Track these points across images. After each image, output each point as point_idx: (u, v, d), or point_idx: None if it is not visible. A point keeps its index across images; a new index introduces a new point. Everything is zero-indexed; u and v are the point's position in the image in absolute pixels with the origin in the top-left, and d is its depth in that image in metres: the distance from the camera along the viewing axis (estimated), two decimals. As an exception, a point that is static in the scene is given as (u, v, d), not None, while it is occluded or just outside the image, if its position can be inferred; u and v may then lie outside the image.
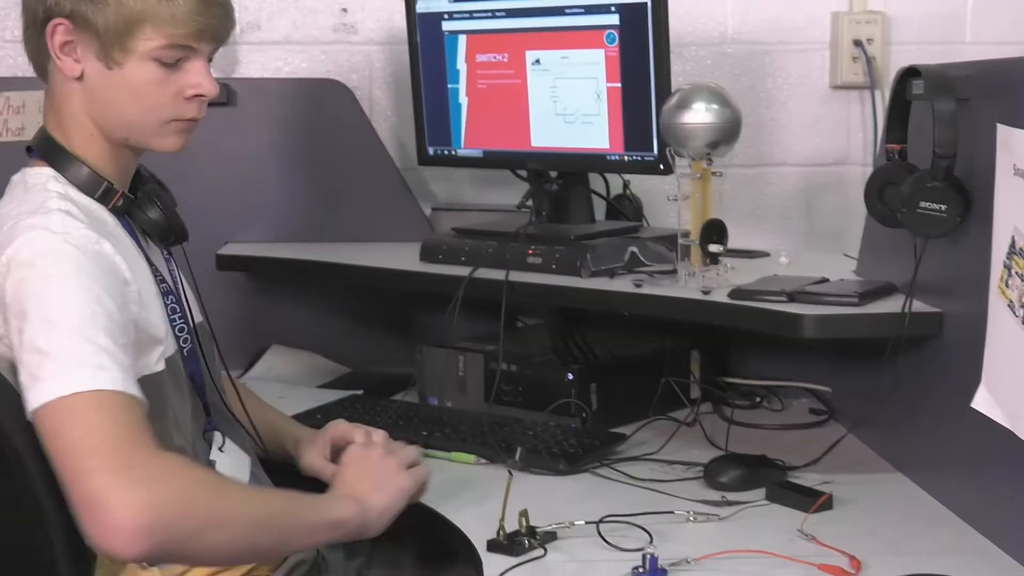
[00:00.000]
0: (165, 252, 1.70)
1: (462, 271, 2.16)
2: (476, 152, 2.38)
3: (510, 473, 1.60)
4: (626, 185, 2.48)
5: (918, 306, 1.77)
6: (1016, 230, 1.46)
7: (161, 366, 1.57)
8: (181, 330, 1.64)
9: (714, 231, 1.99)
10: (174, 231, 1.66)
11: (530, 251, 2.16)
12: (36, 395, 1.38)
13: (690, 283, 2.00)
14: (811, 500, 1.70)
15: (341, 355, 2.55)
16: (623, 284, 2.06)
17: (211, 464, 1.63)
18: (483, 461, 1.94)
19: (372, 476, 1.64)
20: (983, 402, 1.56)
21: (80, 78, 1.58)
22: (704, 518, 1.68)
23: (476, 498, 1.74)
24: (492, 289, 2.09)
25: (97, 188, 1.59)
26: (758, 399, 2.31)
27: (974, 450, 1.62)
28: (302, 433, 1.86)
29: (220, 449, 1.66)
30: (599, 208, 2.43)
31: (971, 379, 1.58)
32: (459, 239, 2.27)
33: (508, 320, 2.08)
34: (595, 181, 2.42)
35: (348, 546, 1.84)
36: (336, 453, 1.78)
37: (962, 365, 1.63)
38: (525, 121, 2.29)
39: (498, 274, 2.11)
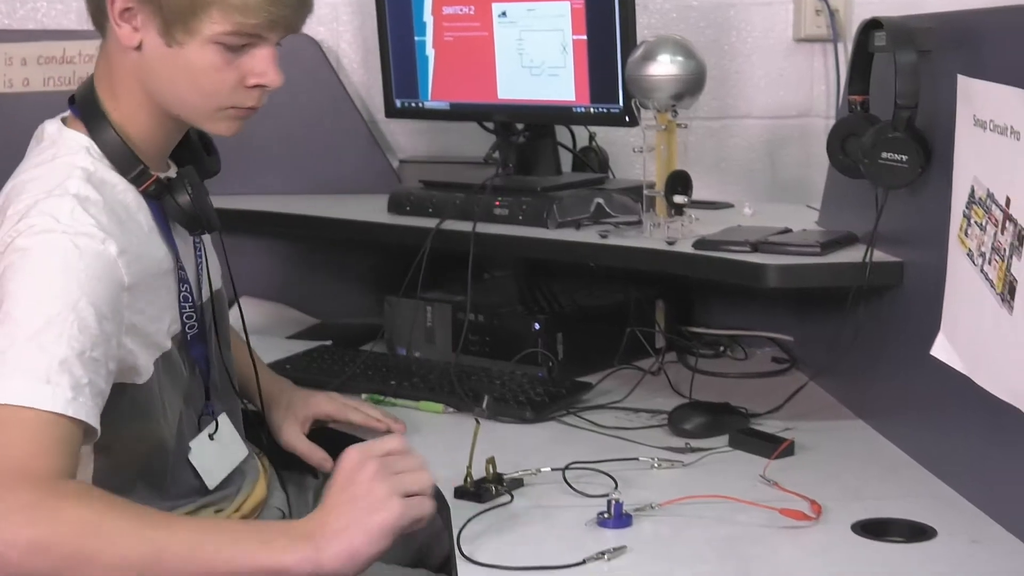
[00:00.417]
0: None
1: (429, 223, 2.15)
2: (443, 104, 2.37)
3: (477, 421, 1.60)
4: (592, 137, 2.48)
5: (879, 256, 1.78)
6: (975, 180, 1.47)
7: (150, 372, 1.50)
8: (189, 317, 1.58)
9: (679, 182, 1.99)
10: (202, 222, 1.57)
11: (497, 203, 2.16)
12: None
13: (655, 234, 2.00)
14: (773, 446, 1.71)
15: (310, 306, 2.55)
16: (589, 235, 2.06)
17: (186, 451, 1.57)
18: (451, 410, 1.95)
19: (353, 505, 1.33)
20: (942, 350, 1.57)
21: (138, 48, 1.49)
22: (668, 464, 1.69)
23: (444, 446, 1.75)
24: (459, 240, 2.09)
25: (131, 170, 1.51)
26: (722, 348, 2.33)
27: (933, 397, 1.64)
28: (282, 401, 1.83)
29: (211, 437, 1.62)
30: (565, 160, 2.43)
31: (930, 327, 1.60)
32: (426, 191, 2.27)
33: (475, 271, 2.08)
34: (561, 133, 2.41)
35: (313, 494, 1.84)
36: (323, 433, 1.75)
37: (922, 314, 1.65)
38: (492, 73, 2.28)
39: (465, 226, 2.11)
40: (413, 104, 2.40)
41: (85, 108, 1.52)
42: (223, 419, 1.65)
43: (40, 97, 2.42)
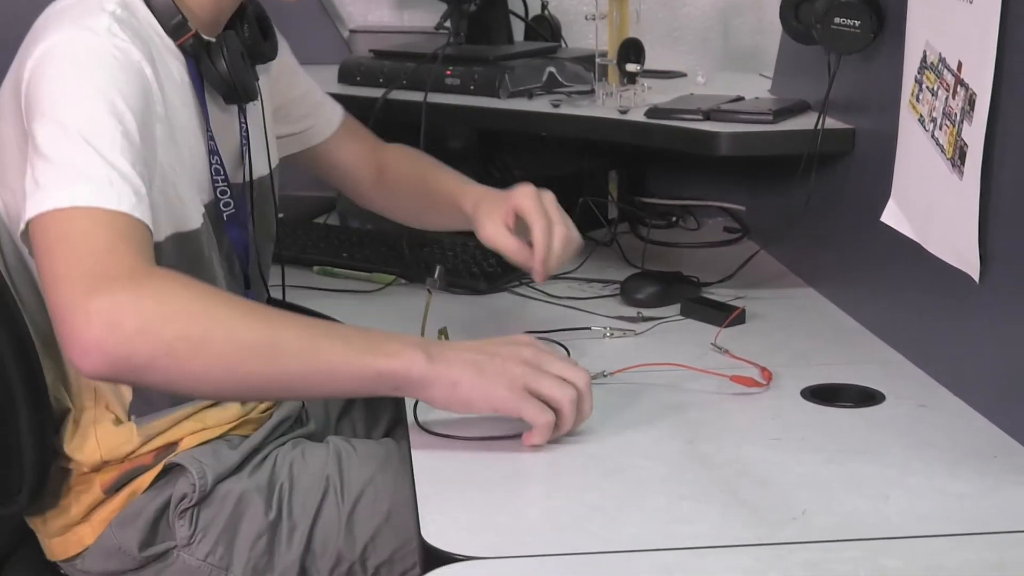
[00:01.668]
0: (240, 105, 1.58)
1: (380, 93, 2.11)
2: (392, -28, 2.31)
3: (429, 292, 1.58)
4: (544, 5, 2.43)
5: (831, 123, 1.76)
6: (928, 44, 1.45)
7: (198, 223, 1.46)
8: (223, 192, 1.53)
9: (631, 50, 1.96)
10: (236, 90, 1.51)
11: (448, 72, 2.12)
12: (34, 204, 1.24)
13: (608, 103, 1.97)
14: (724, 315, 1.71)
15: (261, 179, 2.51)
16: (541, 104, 2.03)
17: None
18: (403, 282, 1.93)
19: (486, 362, 1.27)
20: (892, 216, 1.57)
21: None
22: (620, 334, 1.69)
23: (396, 317, 1.73)
24: (410, 111, 2.05)
25: (171, 19, 1.44)
26: (674, 218, 2.32)
27: (882, 264, 1.64)
28: (480, 194, 1.66)
29: None
30: (517, 29, 2.38)
31: (881, 194, 1.58)
32: (377, 61, 2.22)
33: (428, 142, 2.05)
34: (513, 1, 2.36)
35: None
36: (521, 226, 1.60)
37: (873, 181, 1.64)
38: (441, -60, 2.22)
39: (416, 96, 2.07)
40: (362, -28, 2.34)
41: None
42: None
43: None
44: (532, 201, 1.56)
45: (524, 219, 1.57)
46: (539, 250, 1.55)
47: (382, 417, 1.80)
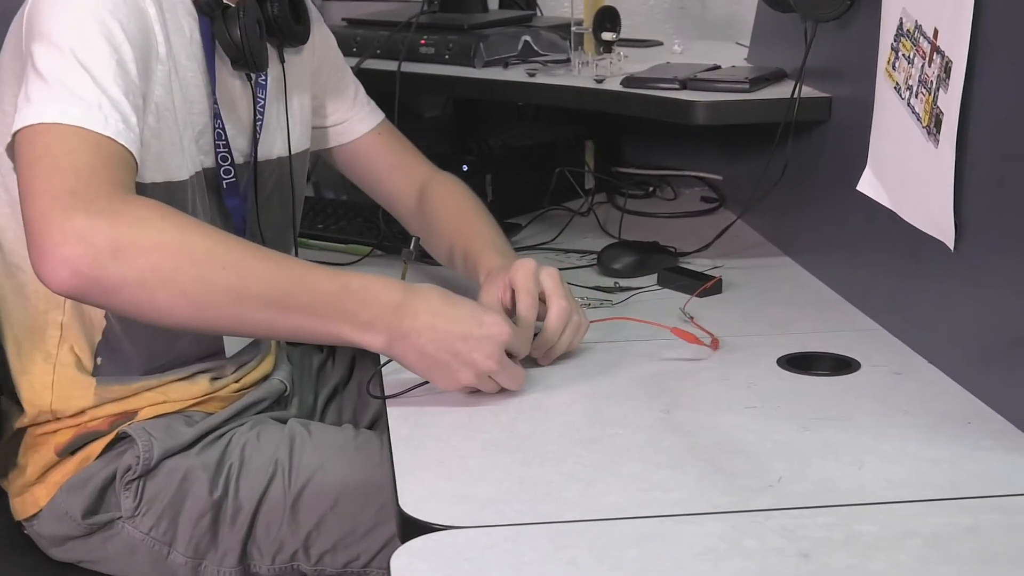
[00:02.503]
0: (261, 77, 1.58)
1: (353, 62, 2.11)
2: (366, -61, 2.31)
3: (405, 263, 1.59)
4: (519, -27, 2.44)
5: (807, 91, 1.77)
6: (904, 12, 1.46)
7: (186, 175, 1.46)
8: (224, 159, 1.53)
9: (607, 19, 1.97)
10: (245, 57, 1.50)
11: (422, 41, 2.12)
12: (22, 117, 1.27)
13: (584, 72, 1.98)
14: (701, 284, 1.72)
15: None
16: (517, 74, 2.04)
17: None
18: (379, 253, 1.93)
19: (459, 344, 1.31)
20: (868, 185, 1.58)
21: None
22: (597, 304, 1.70)
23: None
24: (384, 80, 2.05)
25: None
26: (651, 188, 2.33)
27: (858, 233, 1.65)
28: (495, 264, 1.56)
29: None
30: (492, -3, 2.39)
31: (857, 163, 1.60)
32: (350, 29, 2.22)
33: (403, 112, 2.05)
34: (488, -31, 2.37)
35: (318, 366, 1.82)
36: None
37: (849, 149, 1.65)
38: (416, -93, 2.22)
39: (390, 64, 2.07)
40: (335, -60, 2.34)
41: None
42: None
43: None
44: (524, 276, 1.46)
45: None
46: (520, 324, 1.44)
47: (372, 404, 1.77)
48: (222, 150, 1.53)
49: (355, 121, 1.80)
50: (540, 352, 1.45)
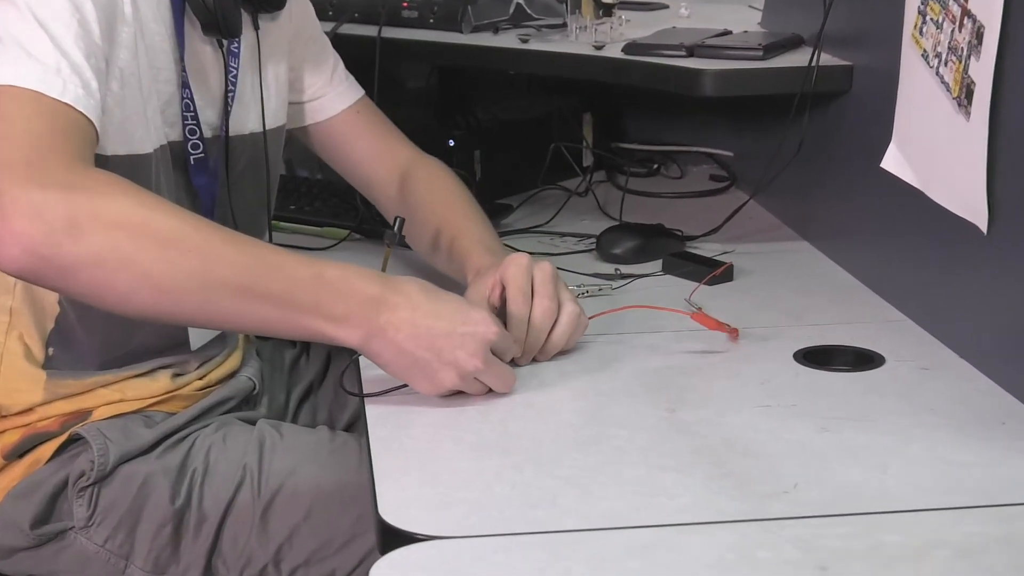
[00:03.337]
0: (234, 44, 1.57)
1: (329, 27, 2.10)
2: None
3: (387, 247, 1.58)
4: (511, -70, 2.43)
5: (826, 59, 1.77)
6: (932, -27, 1.45)
7: (150, 148, 1.46)
8: (192, 132, 1.52)
9: (607, -21, 1.97)
10: (217, 21, 1.50)
11: (405, 4, 2.12)
12: None
13: (581, 37, 1.98)
14: (709, 271, 1.72)
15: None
16: (508, 40, 2.04)
17: None
18: (357, 237, 1.93)
19: (443, 341, 1.30)
20: (893, 162, 1.57)
21: None
22: (597, 291, 1.70)
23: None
24: (364, 47, 2.05)
25: None
26: (655, 166, 2.33)
27: (882, 214, 1.65)
28: (484, 263, 1.55)
29: None
30: (481, -44, 2.38)
31: (881, 138, 1.59)
32: (326, -9, 2.22)
33: (383, 82, 2.04)
34: (477, -74, 2.36)
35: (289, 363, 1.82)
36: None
37: (872, 123, 1.65)
38: None
39: (370, 30, 2.06)
40: None
41: None
42: None
43: None
44: (515, 271, 1.44)
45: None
46: (511, 328, 1.43)
47: (349, 403, 1.76)
48: (190, 122, 1.53)
49: (332, 97, 1.79)
50: (527, 354, 1.44)
